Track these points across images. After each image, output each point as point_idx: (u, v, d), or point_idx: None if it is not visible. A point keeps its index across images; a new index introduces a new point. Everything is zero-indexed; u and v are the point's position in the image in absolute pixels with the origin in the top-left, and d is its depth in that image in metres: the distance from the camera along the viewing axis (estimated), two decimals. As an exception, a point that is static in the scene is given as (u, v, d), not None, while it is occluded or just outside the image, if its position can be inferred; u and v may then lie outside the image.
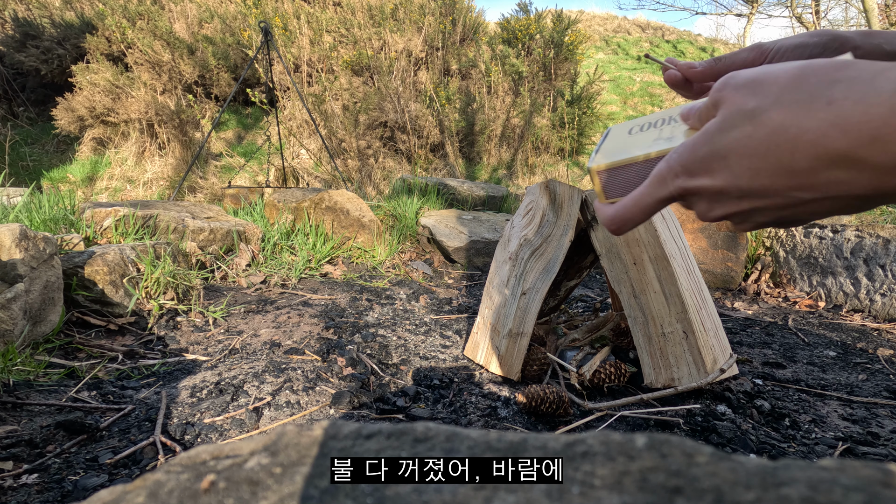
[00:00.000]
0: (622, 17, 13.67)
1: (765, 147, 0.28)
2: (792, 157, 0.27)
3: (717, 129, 0.31)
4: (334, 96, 5.69)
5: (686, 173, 0.33)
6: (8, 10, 5.45)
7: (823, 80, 0.26)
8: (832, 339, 1.63)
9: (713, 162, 0.31)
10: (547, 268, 1.18)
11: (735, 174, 0.30)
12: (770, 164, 0.29)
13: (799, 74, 0.28)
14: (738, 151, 0.30)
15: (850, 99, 0.25)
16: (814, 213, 0.31)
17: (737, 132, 0.30)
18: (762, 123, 0.28)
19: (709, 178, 0.32)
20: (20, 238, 1.21)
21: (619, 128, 0.47)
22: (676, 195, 0.35)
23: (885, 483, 0.20)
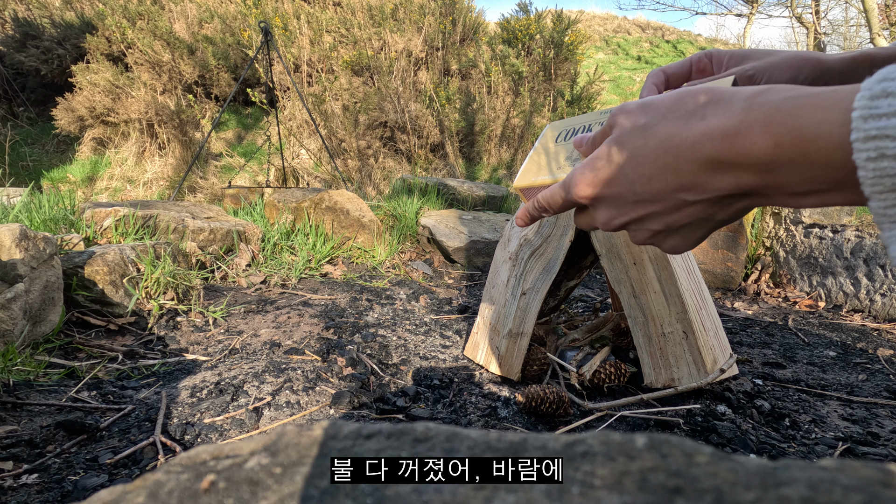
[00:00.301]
0: (622, 17, 13.67)
1: (654, 154, 0.34)
2: (676, 161, 0.33)
3: (616, 142, 0.37)
4: (334, 96, 5.69)
5: (587, 183, 0.39)
6: (8, 10, 5.45)
7: (698, 101, 0.33)
8: (832, 339, 1.63)
9: (609, 171, 0.37)
10: (547, 268, 1.18)
11: (630, 180, 0.36)
12: (659, 168, 0.34)
13: (678, 97, 0.35)
14: (632, 160, 0.36)
15: (717, 115, 0.32)
16: (697, 218, 0.37)
17: (631, 143, 0.36)
18: (652, 135, 0.34)
19: (607, 186, 0.38)
20: (20, 238, 1.21)
21: (553, 128, 0.55)
22: (578, 201, 0.41)
23: (885, 483, 0.20)
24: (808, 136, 0.27)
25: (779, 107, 0.29)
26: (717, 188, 0.33)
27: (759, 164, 0.30)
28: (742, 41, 11.20)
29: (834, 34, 13.19)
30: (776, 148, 0.29)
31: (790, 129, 0.28)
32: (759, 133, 0.29)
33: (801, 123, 0.28)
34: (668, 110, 0.34)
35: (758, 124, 0.29)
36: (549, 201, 0.44)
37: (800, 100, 0.28)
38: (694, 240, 0.40)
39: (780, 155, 0.29)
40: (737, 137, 0.30)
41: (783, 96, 0.29)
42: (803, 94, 0.29)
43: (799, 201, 0.31)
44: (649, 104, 0.36)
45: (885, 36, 7.74)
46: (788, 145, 0.28)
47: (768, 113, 0.29)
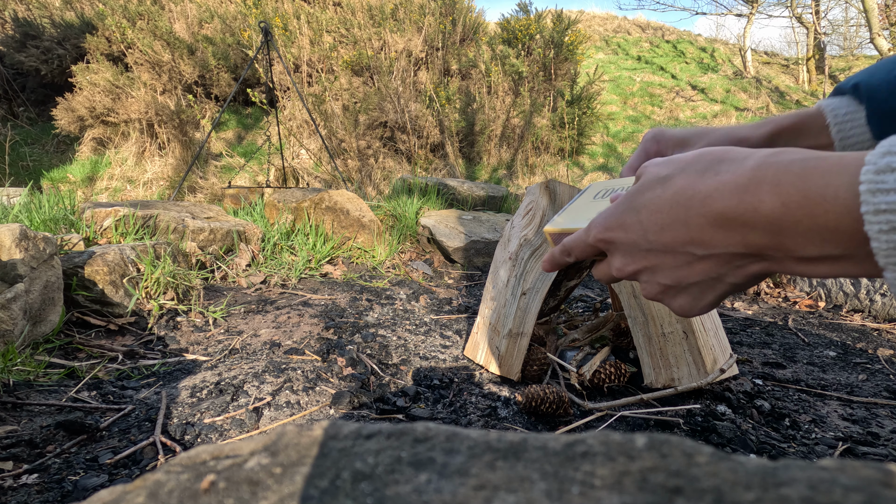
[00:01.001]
0: (622, 17, 13.67)
1: (668, 204, 0.35)
2: (687, 213, 0.34)
3: (636, 191, 0.38)
4: (334, 96, 5.69)
5: (605, 227, 0.41)
6: (8, 10, 5.45)
7: (716, 157, 0.35)
8: (832, 339, 1.63)
9: (628, 216, 0.39)
10: (547, 268, 1.18)
11: (644, 227, 0.37)
12: (671, 218, 0.35)
13: (700, 153, 0.36)
14: (648, 207, 0.37)
15: (729, 171, 0.33)
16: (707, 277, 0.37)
17: (650, 193, 0.37)
18: (669, 186, 0.36)
19: (623, 231, 0.39)
20: (20, 238, 1.21)
21: (594, 187, 0.58)
22: (596, 244, 0.42)
23: (885, 483, 0.20)
24: (815, 199, 0.28)
25: (787, 167, 0.30)
26: (725, 245, 0.33)
27: (766, 223, 0.30)
28: (742, 41, 11.20)
29: (834, 34, 13.20)
30: (783, 208, 0.29)
31: (798, 190, 0.29)
32: (767, 191, 0.30)
33: (809, 185, 0.28)
34: (688, 164, 0.36)
35: (766, 183, 0.30)
36: (573, 246, 0.46)
37: (808, 162, 0.29)
38: (704, 303, 0.39)
39: (787, 215, 0.29)
40: (745, 194, 0.31)
41: (792, 158, 0.30)
42: (812, 157, 0.29)
43: (811, 269, 0.31)
44: (674, 158, 0.38)
45: (885, 36, 7.73)
46: (795, 206, 0.29)
47: (777, 172, 0.30)
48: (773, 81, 9.72)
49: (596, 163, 6.69)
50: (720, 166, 0.33)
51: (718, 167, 0.33)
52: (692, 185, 0.34)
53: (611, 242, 0.41)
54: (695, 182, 0.34)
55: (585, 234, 0.43)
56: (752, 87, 9.29)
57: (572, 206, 0.56)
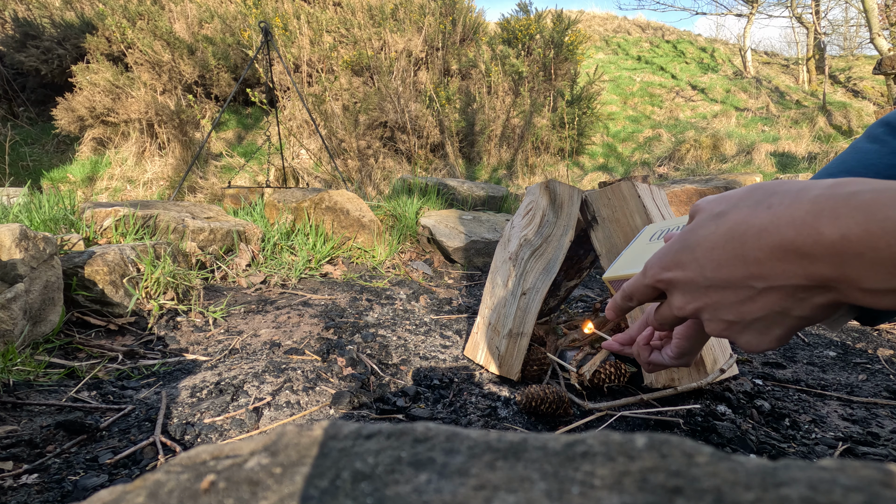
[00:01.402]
0: (622, 18, 13.67)
1: (724, 240, 0.35)
2: (743, 247, 0.34)
3: (690, 229, 0.38)
4: (334, 96, 5.69)
5: (662, 266, 0.40)
6: (8, 10, 5.45)
7: (767, 191, 0.35)
8: (832, 339, 1.63)
9: (683, 255, 0.38)
10: (547, 268, 1.18)
11: (701, 265, 0.37)
12: (728, 253, 0.35)
13: (752, 188, 0.36)
14: (703, 245, 0.37)
15: (783, 205, 0.33)
16: (771, 311, 0.36)
17: (704, 230, 0.37)
18: (724, 222, 0.36)
19: (680, 270, 0.39)
20: (20, 238, 1.21)
21: (649, 230, 0.58)
22: (655, 284, 0.42)
23: (885, 483, 0.20)
24: (877, 232, 0.28)
25: (847, 200, 0.29)
26: (786, 277, 0.33)
27: (827, 254, 0.30)
28: (742, 41, 11.20)
29: (834, 34, 13.20)
30: (843, 240, 0.29)
31: (859, 223, 0.28)
32: (826, 223, 0.30)
33: (870, 218, 0.28)
34: (741, 199, 0.36)
35: (825, 215, 0.30)
36: (633, 290, 0.45)
37: (867, 195, 0.29)
38: (773, 337, 0.38)
39: (848, 247, 0.29)
40: (803, 227, 0.31)
41: (851, 190, 0.30)
42: (871, 189, 0.29)
43: (879, 300, 0.31)
44: (726, 195, 0.37)
45: (885, 36, 7.73)
46: (856, 238, 0.28)
47: (836, 205, 0.29)
48: (773, 81, 9.72)
49: (596, 163, 6.69)
50: (772, 199, 0.33)
51: (771, 200, 0.33)
52: (746, 219, 0.34)
53: (669, 282, 0.40)
54: (748, 216, 0.34)
55: (643, 276, 0.43)
56: (752, 87, 9.29)
57: (629, 251, 0.56)
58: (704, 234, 0.37)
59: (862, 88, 9.13)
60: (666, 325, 0.45)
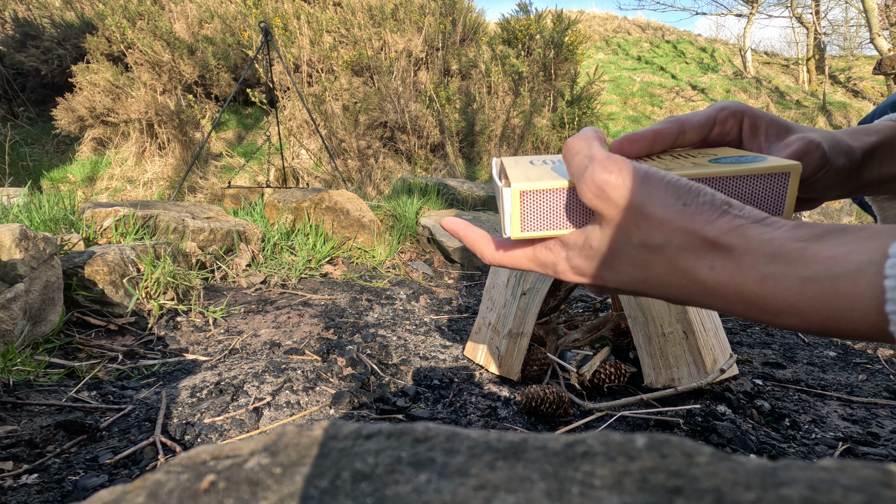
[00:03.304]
0: (622, 18, 13.68)
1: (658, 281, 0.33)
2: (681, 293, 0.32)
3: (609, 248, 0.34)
4: (334, 96, 5.69)
5: (579, 274, 0.37)
6: (8, 10, 5.45)
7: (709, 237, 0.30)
8: (832, 339, 1.63)
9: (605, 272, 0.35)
10: (547, 268, 1.18)
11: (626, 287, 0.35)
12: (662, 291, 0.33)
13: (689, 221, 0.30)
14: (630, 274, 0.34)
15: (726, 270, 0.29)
16: None
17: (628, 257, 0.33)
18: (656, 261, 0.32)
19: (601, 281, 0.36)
20: (20, 238, 1.21)
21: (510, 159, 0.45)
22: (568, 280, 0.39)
23: (885, 483, 0.20)
24: (839, 319, 0.26)
25: (800, 291, 0.27)
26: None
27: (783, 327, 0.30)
28: (742, 41, 11.20)
29: (834, 34, 13.20)
30: (802, 324, 0.28)
31: (818, 312, 0.27)
32: (782, 310, 0.28)
33: (831, 308, 0.26)
34: (671, 239, 0.31)
35: (779, 302, 0.28)
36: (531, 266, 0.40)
37: (823, 282, 0.26)
38: None
39: (806, 328, 0.28)
40: (753, 305, 0.29)
41: (804, 276, 0.27)
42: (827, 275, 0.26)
43: None
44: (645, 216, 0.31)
45: (885, 36, 7.73)
46: (817, 324, 0.27)
47: (788, 295, 0.27)
48: (773, 81, 9.73)
49: (596, 163, 6.67)
50: (716, 259, 0.29)
51: (714, 260, 0.30)
52: (688, 272, 0.31)
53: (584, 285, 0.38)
54: (689, 269, 0.31)
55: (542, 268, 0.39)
56: (753, 88, 9.29)
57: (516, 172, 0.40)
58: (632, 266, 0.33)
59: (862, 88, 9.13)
60: None
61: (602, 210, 0.33)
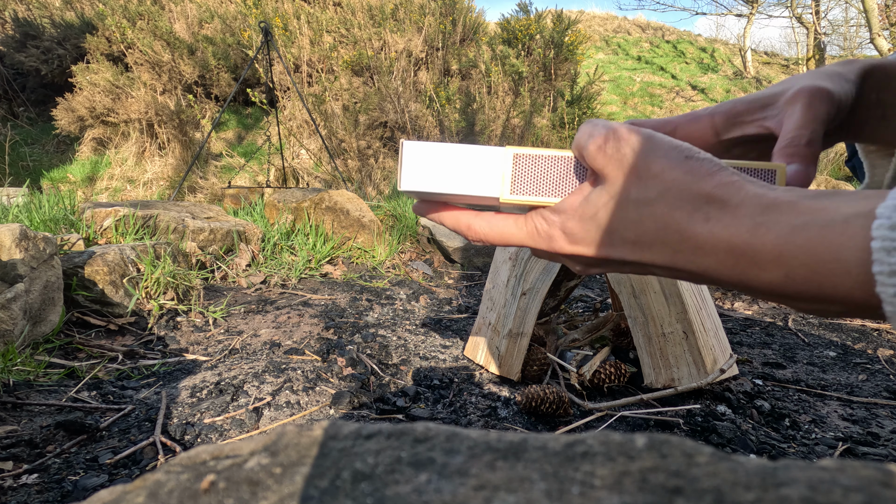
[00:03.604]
0: (622, 18, 13.68)
1: (651, 237, 0.32)
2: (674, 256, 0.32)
3: (605, 206, 0.34)
4: (334, 96, 5.69)
5: (568, 239, 0.36)
6: (8, 10, 5.45)
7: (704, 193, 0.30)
8: (832, 339, 1.63)
9: (599, 236, 0.35)
10: (547, 268, 1.18)
11: (618, 251, 0.34)
12: (656, 251, 0.33)
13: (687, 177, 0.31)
14: (623, 235, 0.33)
15: (722, 222, 0.30)
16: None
17: (624, 214, 0.33)
18: (649, 215, 0.32)
19: (590, 248, 0.35)
20: (20, 238, 1.21)
21: None
22: (550, 253, 0.38)
23: (885, 483, 0.20)
24: (823, 272, 0.26)
25: (789, 238, 0.27)
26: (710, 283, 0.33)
27: (763, 289, 0.29)
28: (742, 41, 11.20)
29: (834, 34, 13.20)
30: (786, 279, 0.28)
31: (803, 264, 0.27)
32: (769, 261, 0.28)
33: (816, 259, 0.26)
34: (668, 190, 0.31)
35: (767, 252, 0.28)
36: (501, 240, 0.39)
37: (811, 230, 0.27)
38: None
39: (789, 286, 0.28)
40: (742, 258, 0.29)
41: (794, 223, 0.27)
42: (816, 222, 0.27)
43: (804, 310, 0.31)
44: (647, 168, 0.32)
45: (885, 36, 7.74)
46: (801, 279, 0.27)
47: (777, 242, 0.28)
48: (773, 81, 9.73)
49: (596, 163, 6.67)
50: (710, 209, 0.30)
51: (709, 210, 0.30)
52: (680, 227, 0.31)
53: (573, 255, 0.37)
54: (682, 223, 0.31)
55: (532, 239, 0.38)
56: (753, 88, 9.29)
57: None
58: (625, 224, 0.33)
59: (862, 88, 9.12)
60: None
61: (604, 167, 0.34)
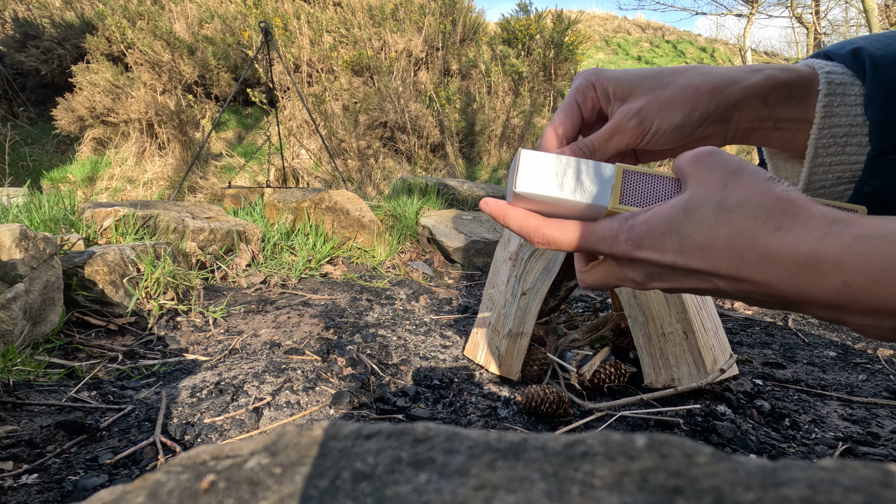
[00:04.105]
0: (622, 18, 13.67)
1: (721, 244, 0.33)
2: (740, 264, 0.33)
3: (685, 214, 0.35)
4: (334, 96, 5.69)
5: (634, 245, 0.36)
6: (8, 10, 5.45)
7: (781, 207, 0.32)
8: (832, 339, 1.63)
9: (669, 240, 0.35)
10: (547, 268, 1.18)
11: (684, 254, 0.34)
12: (720, 257, 0.33)
13: (764, 191, 0.33)
14: (695, 238, 0.34)
15: (791, 232, 0.31)
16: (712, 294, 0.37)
17: (701, 219, 0.34)
18: (724, 222, 0.33)
19: (658, 253, 0.36)
20: (20, 238, 1.21)
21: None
22: (618, 257, 0.38)
23: (885, 483, 0.20)
24: (879, 281, 0.28)
25: (850, 247, 0.29)
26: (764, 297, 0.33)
27: (822, 300, 0.30)
28: (742, 41, 11.20)
29: (834, 34, 13.20)
30: (843, 287, 0.29)
31: (860, 272, 0.28)
32: (829, 269, 0.29)
33: (872, 268, 0.28)
34: (748, 199, 0.33)
35: (829, 259, 0.29)
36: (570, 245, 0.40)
37: (870, 241, 0.29)
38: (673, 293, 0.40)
39: (846, 294, 0.29)
40: (805, 266, 0.30)
41: (856, 234, 0.29)
42: (875, 234, 0.29)
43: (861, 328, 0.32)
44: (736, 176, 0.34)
45: (885, 36, 7.73)
46: (857, 287, 0.29)
47: (839, 251, 0.29)
48: (773, 81, 9.73)
49: (596, 163, 6.67)
50: (784, 219, 0.31)
51: (782, 220, 0.32)
52: (752, 234, 0.32)
53: (637, 260, 0.37)
54: (754, 232, 0.32)
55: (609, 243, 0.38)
56: (752, 87, 9.29)
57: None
58: (699, 228, 0.34)
59: (862, 88, 9.12)
60: (594, 288, 0.42)
61: (695, 172, 0.36)
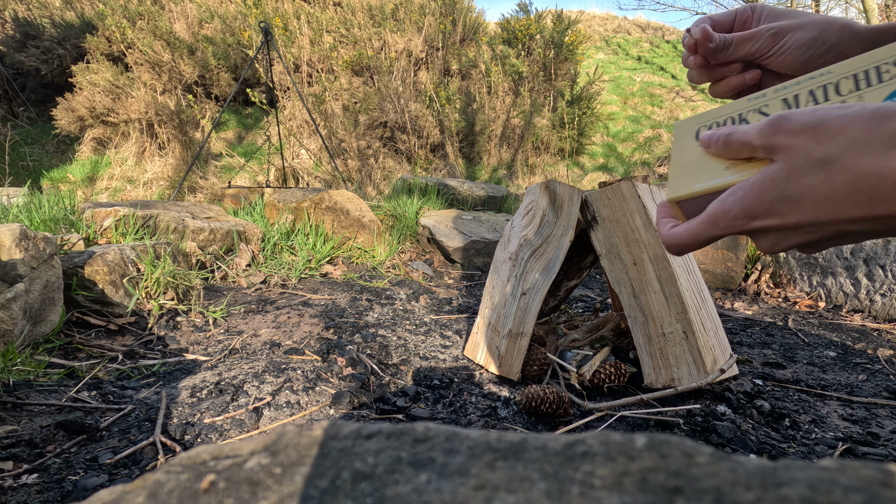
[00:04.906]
0: (622, 18, 13.67)
1: (844, 192, 0.32)
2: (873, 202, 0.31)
3: (785, 176, 0.34)
4: (334, 96, 5.69)
5: (748, 216, 0.36)
6: (8, 10, 5.45)
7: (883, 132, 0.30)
8: (832, 339, 1.63)
9: (782, 206, 0.35)
10: (547, 268, 1.18)
11: (809, 215, 0.34)
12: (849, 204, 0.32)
13: (863, 117, 0.31)
14: (811, 196, 0.33)
15: None
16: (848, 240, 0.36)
17: (809, 178, 0.33)
18: (839, 170, 0.31)
19: (777, 218, 0.35)
20: (20, 238, 1.21)
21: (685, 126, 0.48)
22: (733, 233, 0.38)
23: (885, 483, 0.20)
24: None
25: None
26: None
27: None
28: (742, 41, 11.18)
29: (834, 34, 13.17)
30: None
31: None
32: None
33: None
34: (855, 141, 0.31)
35: None
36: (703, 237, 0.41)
37: None
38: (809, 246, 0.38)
39: None
40: None
41: None
42: None
43: None
44: (825, 129, 0.32)
45: (885, 36, 7.74)
46: None
47: None
48: (773, 81, 9.72)
49: (596, 163, 6.69)
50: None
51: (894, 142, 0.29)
52: (874, 168, 0.30)
53: (758, 230, 0.37)
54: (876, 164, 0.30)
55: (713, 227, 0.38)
56: (752, 88, 9.28)
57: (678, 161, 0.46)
58: (811, 185, 0.33)
59: (862, 88, 9.12)
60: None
61: (777, 144, 0.35)
